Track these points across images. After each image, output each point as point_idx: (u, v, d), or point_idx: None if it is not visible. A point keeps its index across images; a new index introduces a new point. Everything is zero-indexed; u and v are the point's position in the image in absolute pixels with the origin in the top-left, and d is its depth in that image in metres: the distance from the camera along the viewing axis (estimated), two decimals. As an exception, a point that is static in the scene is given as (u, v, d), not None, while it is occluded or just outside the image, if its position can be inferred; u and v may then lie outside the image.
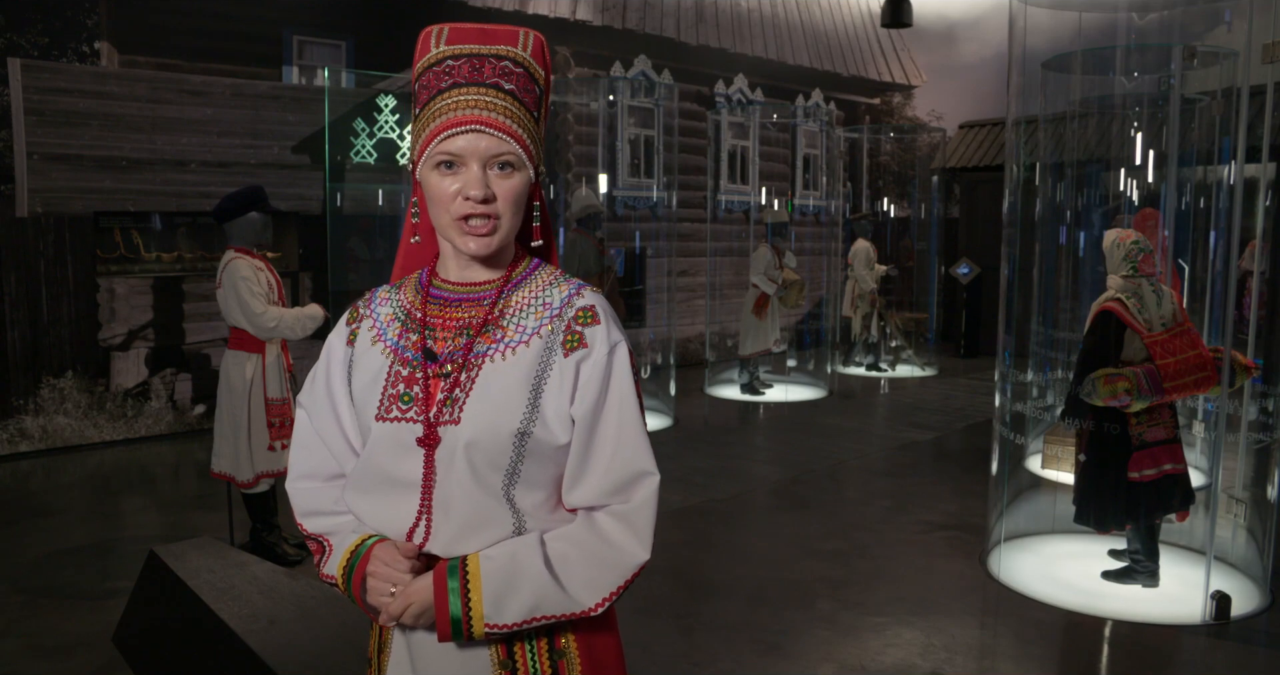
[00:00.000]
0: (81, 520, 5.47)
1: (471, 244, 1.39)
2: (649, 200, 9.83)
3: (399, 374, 1.43)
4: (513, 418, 1.36)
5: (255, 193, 4.43)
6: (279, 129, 7.83)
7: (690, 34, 11.16)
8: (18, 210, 6.74)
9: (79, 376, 7.02)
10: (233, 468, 4.43)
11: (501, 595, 1.34)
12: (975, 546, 4.92)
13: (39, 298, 6.87)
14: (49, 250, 6.89)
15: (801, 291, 9.13)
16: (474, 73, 1.40)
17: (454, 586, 1.34)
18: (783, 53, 12.27)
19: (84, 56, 7.08)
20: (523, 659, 1.42)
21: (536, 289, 1.45)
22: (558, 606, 1.36)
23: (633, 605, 4.24)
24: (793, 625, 4.00)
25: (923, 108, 13.82)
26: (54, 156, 6.89)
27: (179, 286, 7.44)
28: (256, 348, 4.39)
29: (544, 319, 1.41)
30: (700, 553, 4.92)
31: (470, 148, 1.36)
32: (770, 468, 6.72)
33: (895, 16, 10.57)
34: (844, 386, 9.85)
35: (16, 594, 4.31)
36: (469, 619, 1.33)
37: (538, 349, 1.39)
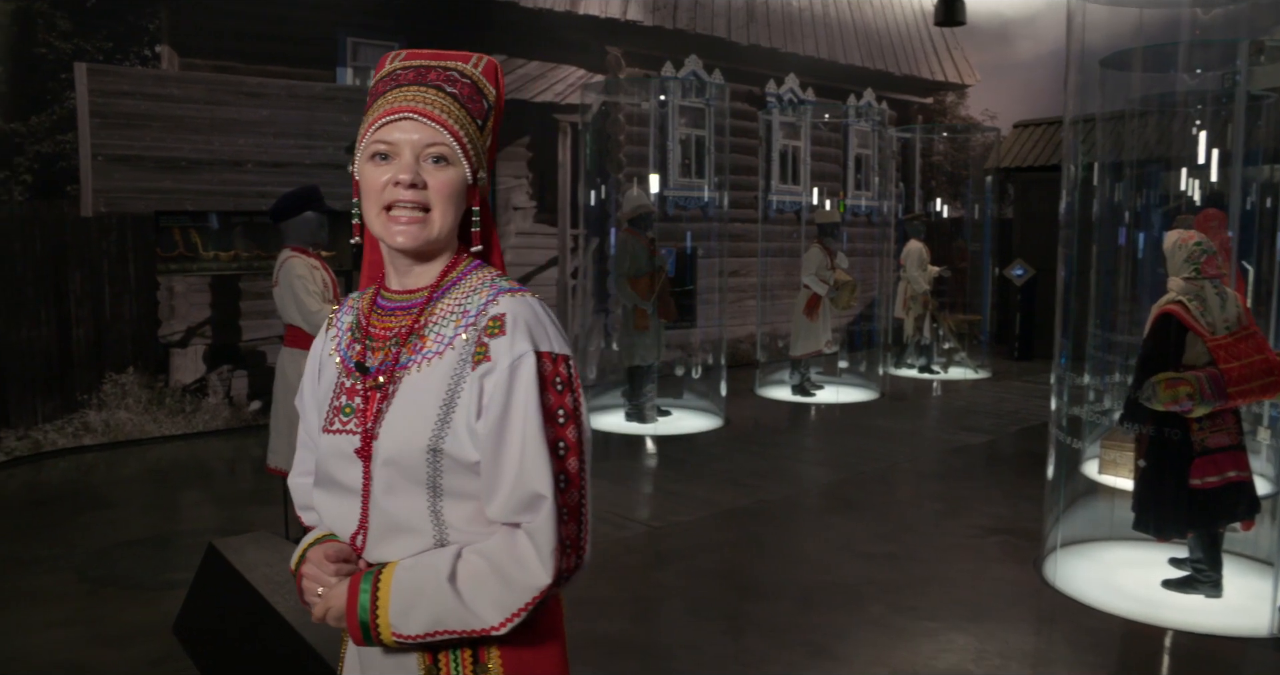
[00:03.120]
0: (141, 513, 5.58)
1: (399, 236, 1.36)
2: (700, 200, 9.82)
3: (343, 385, 1.44)
4: (423, 432, 1.35)
5: (311, 192, 4.48)
6: (333, 129, 7.93)
7: (741, 34, 11.13)
8: (83, 210, 6.90)
9: (140, 372, 7.17)
10: (288, 463, 4.48)
11: (407, 607, 1.32)
12: (1029, 552, 4.85)
13: (102, 295, 7.02)
14: (112, 249, 7.04)
15: (853, 292, 9.07)
16: (418, 77, 1.41)
17: (364, 594, 1.34)
18: (834, 52, 12.20)
19: (146, 60, 7.22)
20: (446, 669, 1.40)
21: (461, 295, 1.42)
22: (459, 622, 1.32)
23: (682, 606, 4.24)
24: (843, 628, 3.98)
25: (976, 107, 13.65)
26: (117, 158, 7.04)
27: (236, 285, 7.56)
28: (311, 345, 4.44)
29: (460, 328, 1.38)
30: (750, 554, 4.90)
31: (403, 136, 1.36)
32: (821, 469, 6.68)
33: (949, 15, 10.46)
34: (896, 388, 9.76)
35: (81, 583, 4.40)
36: (376, 627, 1.33)
37: (451, 360, 1.37)
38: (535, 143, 9.30)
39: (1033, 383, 9.93)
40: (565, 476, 1.36)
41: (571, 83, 9.47)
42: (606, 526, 5.27)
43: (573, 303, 9.49)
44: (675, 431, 7.68)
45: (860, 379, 9.73)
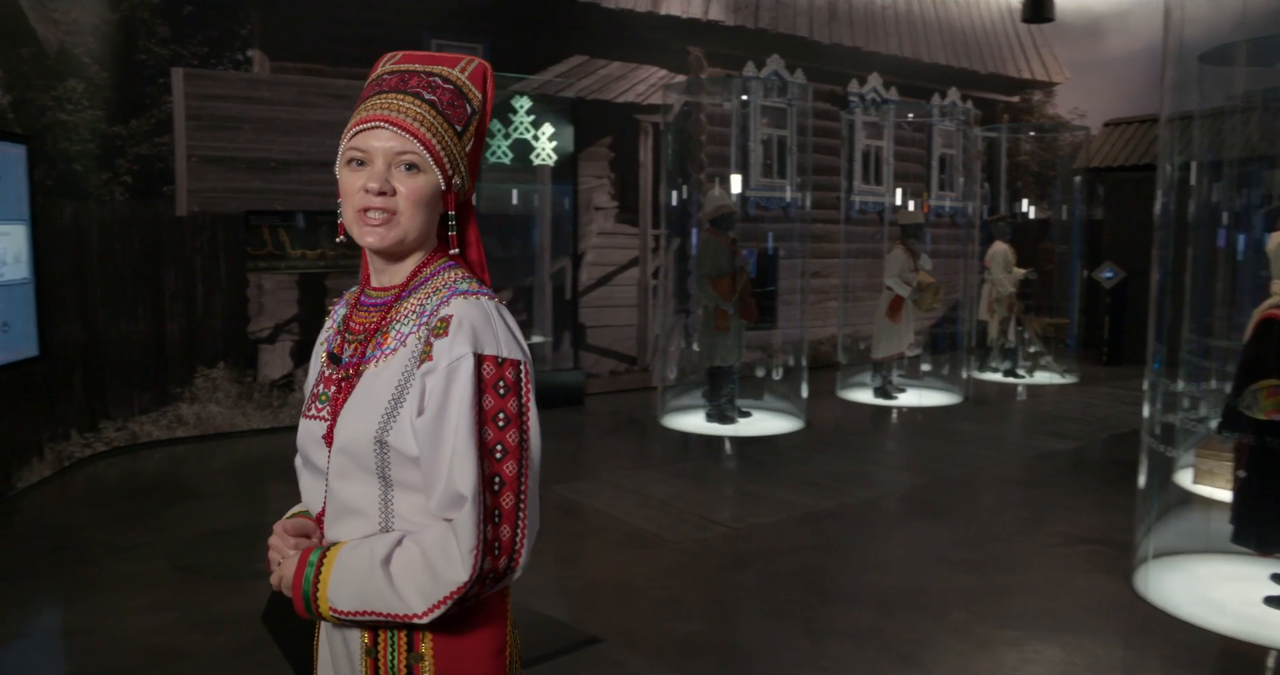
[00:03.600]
0: (230, 504, 5.72)
1: (369, 237, 1.44)
2: (781, 201, 9.76)
3: (323, 374, 1.54)
4: (371, 424, 1.41)
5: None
6: (419, 130, 8.01)
7: (823, 33, 11.03)
8: (177, 210, 7.10)
9: (230, 367, 7.36)
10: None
11: (341, 584, 1.39)
12: (1119, 563, 4.71)
13: (194, 292, 7.22)
14: (204, 247, 7.23)
15: (937, 294, 8.93)
16: (400, 83, 1.47)
17: (310, 567, 1.42)
18: (918, 50, 12.02)
19: (238, 64, 7.41)
20: (384, 651, 1.46)
21: (424, 295, 1.47)
22: (385, 605, 1.37)
23: (759, 608, 4.21)
24: (925, 635, 3.91)
25: (1065, 105, 13.33)
26: (210, 159, 7.23)
27: (321, 282, 7.72)
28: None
29: (414, 326, 1.44)
30: (829, 557, 4.85)
31: (377, 144, 1.42)
32: (902, 473, 6.58)
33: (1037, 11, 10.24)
34: (979, 392, 9.59)
35: (173, 571, 4.53)
36: (315, 599, 1.41)
37: (404, 357, 1.43)
38: (617, 143, 9.33)
39: (1122, 388, 9.67)
40: (500, 479, 1.39)
41: (653, 83, 9.48)
42: (686, 527, 5.26)
43: (653, 303, 9.50)
44: (755, 433, 7.64)
45: (943, 382, 9.57)
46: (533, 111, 8.56)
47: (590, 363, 9.21)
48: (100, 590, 4.32)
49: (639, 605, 4.22)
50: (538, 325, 8.95)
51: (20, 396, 5.84)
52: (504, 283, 8.79)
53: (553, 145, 8.65)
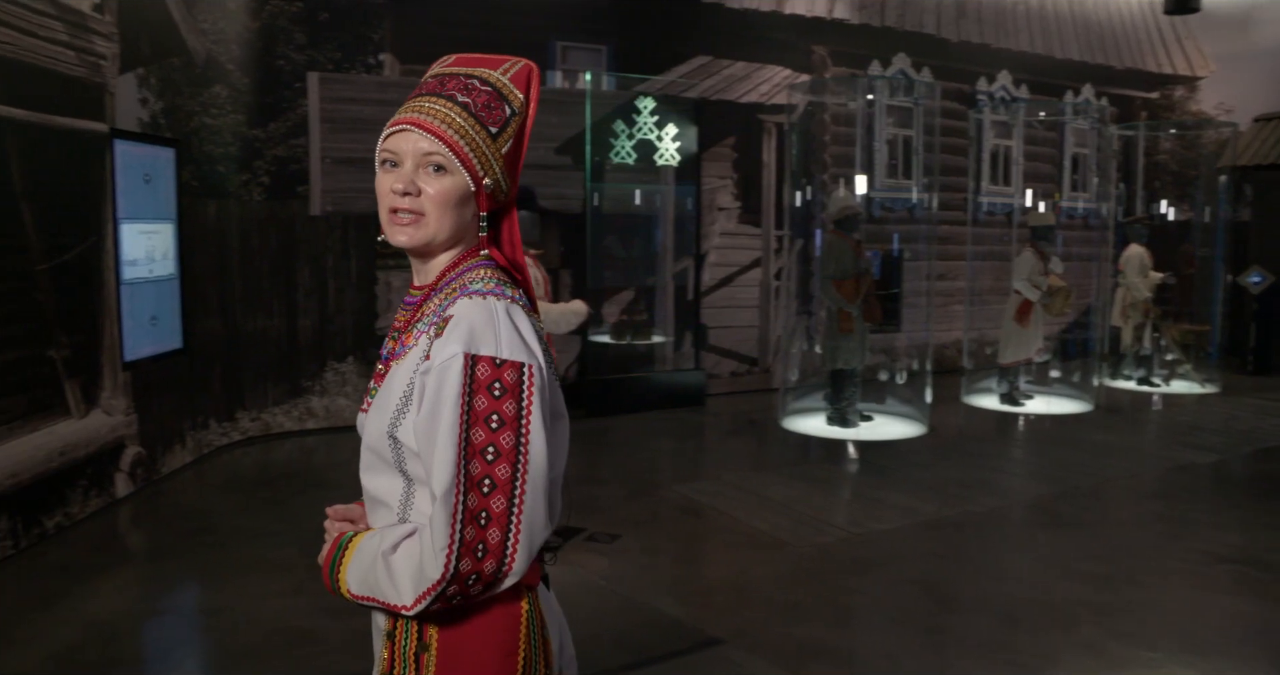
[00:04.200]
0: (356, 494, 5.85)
1: (399, 236, 1.49)
2: (907, 202, 9.58)
3: (377, 371, 1.58)
4: (384, 420, 1.46)
5: (524, 192, 4.61)
6: (543, 131, 8.14)
7: (951, 30, 10.79)
8: (311, 209, 7.36)
9: (358, 362, 7.59)
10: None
11: (354, 568, 1.46)
12: (1268, 585, 4.47)
13: (326, 289, 7.47)
14: (336, 245, 7.48)
15: (1068, 299, 8.64)
16: (438, 86, 1.51)
17: (339, 550, 1.50)
18: (1050, 46, 11.64)
19: (370, 68, 7.63)
20: (400, 636, 1.49)
21: (445, 295, 1.50)
22: (384, 594, 1.42)
23: (880, 615, 4.14)
24: (1052, 650, 3.79)
25: (1209, 101, 12.73)
26: (342, 160, 7.46)
27: (449, 281, 7.87)
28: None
29: (427, 326, 1.47)
30: (953, 565, 4.73)
31: (403, 147, 1.47)
32: (1029, 482, 6.39)
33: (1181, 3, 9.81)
34: (1111, 401, 9.23)
35: (304, 557, 4.69)
36: (336, 580, 1.49)
37: (414, 357, 1.46)
38: (740, 143, 9.29)
39: (1270, 399, 9.20)
40: (491, 481, 1.38)
41: (777, 83, 9.42)
42: (806, 530, 5.21)
43: (775, 304, 9.43)
44: (877, 437, 7.52)
45: (1073, 390, 9.25)
46: (656, 112, 8.59)
47: (711, 363, 9.20)
48: (237, 573, 4.51)
49: (758, 607, 4.19)
50: (659, 325, 8.98)
51: (166, 387, 6.13)
52: (626, 283, 8.85)
53: (676, 146, 8.67)
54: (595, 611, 2.67)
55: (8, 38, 4.67)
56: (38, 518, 4.90)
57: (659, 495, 5.91)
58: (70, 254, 5.17)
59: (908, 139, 9.64)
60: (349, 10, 7.51)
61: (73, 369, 5.18)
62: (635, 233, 8.92)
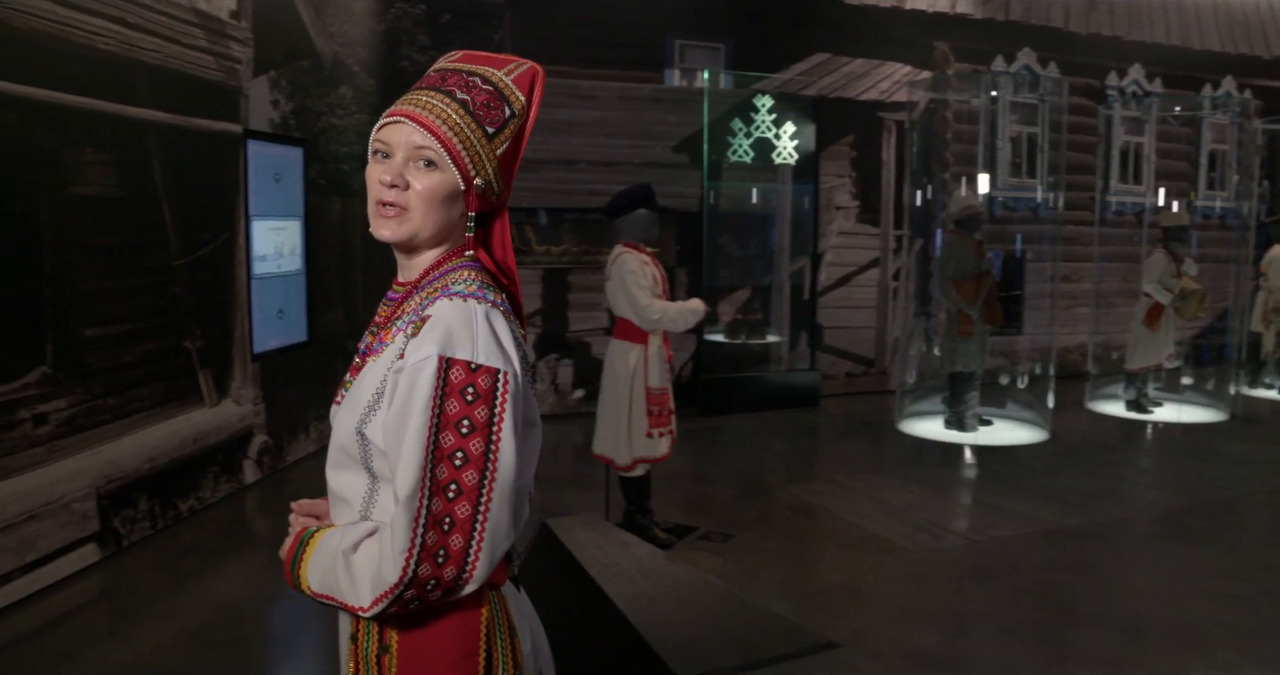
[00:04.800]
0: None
1: (382, 229, 1.47)
2: (1031, 201, 9.30)
3: (353, 364, 1.56)
4: (354, 416, 1.45)
5: (645, 191, 4.63)
6: (660, 129, 8.18)
7: (1080, 22, 10.43)
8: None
9: (476, 358, 7.71)
10: (613, 451, 4.66)
11: (314, 565, 1.44)
12: None
13: (447, 285, 7.62)
14: (457, 242, 7.62)
15: (1202, 302, 8.28)
16: (439, 81, 1.48)
17: (300, 546, 1.48)
18: (1187, 37, 11.16)
19: (491, 67, 7.75)
20: (362, 637, 1.48)
21: (425, 293, 1.48)
22: (341, 594, 1.40)
23: (998, 625, 4.04)
24: (1183, 671, 3.63)
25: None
26: (463, 158, 7.59)
27: (565, 278, 7.98)
28: (640, 338, 4.58)
29: (405, 324, 1.45)
30: (1076, 577, 4.58)
31: (396, 139, 1.44)
32: (1158, 493, 6.14)
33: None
34: (1249, 410, 8.81)
35: (422, 550, 4.79)
36: (298, 576, 1.46)
37: (390, 354, 1.44)
38: (859, 142, 9.16)
39: None
40: (457, 486, 1.35)
41: (897, 80, 9.26)
42: (923, 535, 5.11)
43: (893, 305, 9.28)
44: (996, 442, 7.33)
45: (1206, 398, 8.86)
46: (774, 110, 8.53)
47: (826, 364, 9.10)
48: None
49: (873, 612, 4.13)
50: (774, 325, 8.93)
51: (291, 378, 6.34)
52: (741, 282, 8.82)
53: (794, 144, 8.59)
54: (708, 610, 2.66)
55: (153, 46, 4.90)
56: (173, 501, 5.13)
57: (772, 495, 5.87)
58: (205, 250, 5.39)
59: (1032, 136, 9.36)
60: (470, 11, 7.65)
61: (206, 360, 5.41)
62: (751, 231, 8.88)
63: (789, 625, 2.68)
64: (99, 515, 4.57)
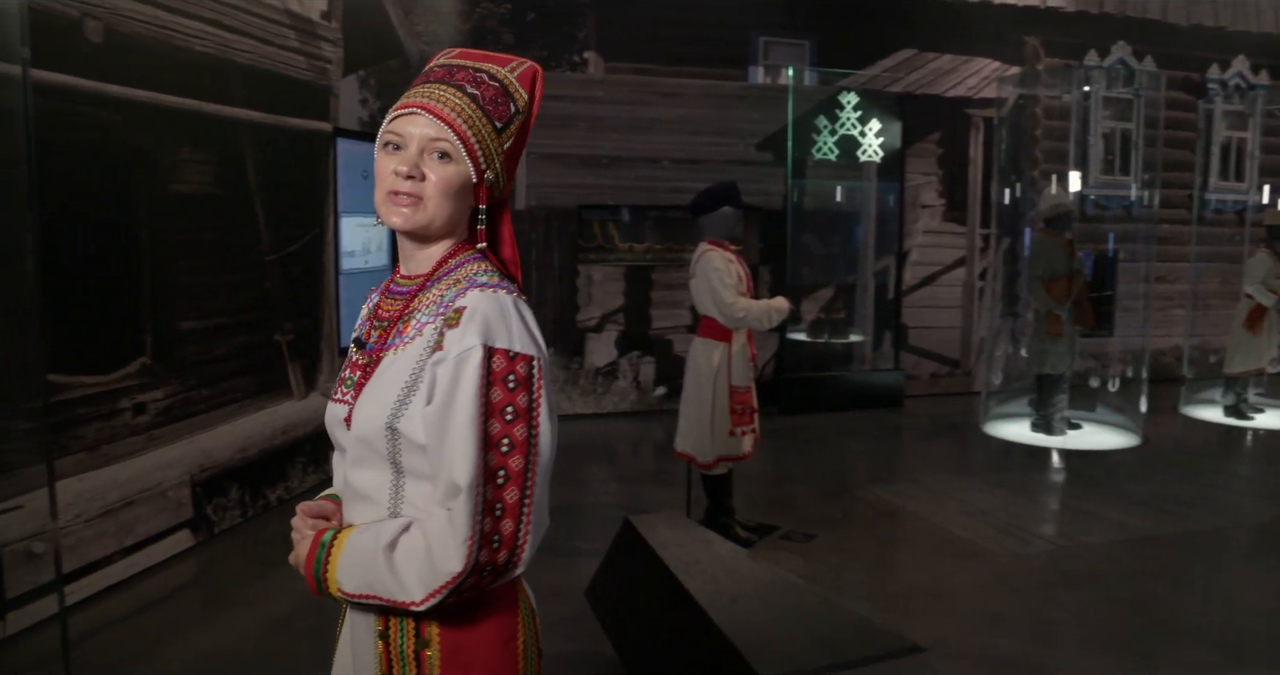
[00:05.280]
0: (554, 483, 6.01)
1: (394, 218, 1.46)
2: (1124, 199, 9.05)
3: (351, 359, 1.56)
4: (384, 411, 1.43)
5: (730, 189, 4.60)
6: (744, 127, 8.15)
7: (1179, 14, 10.10)
8: (517, 204, 7.60)
9: (558, 354, 7.78)
10: (695, 449, 4.64)
11: (348, 566, 1.42)
12: None
13: (530, 282, 7.70)
14: (540, 239, 7.70)
15: (1307, 305, 7.97)
16: (446, 75, 1.50)
17: (321, 549, 1.46)
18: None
19: (575, 66, 7.80)
20: (394, 634, 1.47)
21: (445, 286, 1.49)
22: (387, 591, 1.39)
23: (1086, 634, 3.93)
24: (1288, 684, 3.50)
25: None
26: (547, 155, 7.67)
27: (648, 275, 7.99)
28: (724, 337, 4.56)
29: (432, 316, 1.46)
30: (1169, 587, 4.44)
31: (410, 130, 1.45)
32: (1259, 502, 5.93)
33: None
34: (1355, 417, 8.46)
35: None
36: (325, 579, 1.45)
37: (419, 347, 1.44)
38: (945, 139, 9.00)
39: None
40: (506, 473, 1.38)
41: (985, 76, 9.07)
42: (1009, 540, 5.01)
43: (978, 305, 9.11)
44: (1085, 446, 7.14)
45: (1311, 404, 8.53)
46: (859, 107, 8.43)
47: (910, 364, 8.96)
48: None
49: (957, 616, 4.06)
50: (858, 324, 8.82)
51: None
52: (824, 281, 8.74)
53: (879, 141, 8.48)
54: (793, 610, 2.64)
55: (248, 47, 5.02)
56: (262, 490, 5.25)
57: (854, 496, 5.80)
58: (296, 246, 5.51)
59: (1126, 132, 9.11)
60: (554, 10, 7.70)
61: (295, 353, 5.53)
62: (835, 230, 8.80)
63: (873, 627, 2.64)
64: (193, 502, 4.70)
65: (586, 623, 3.76)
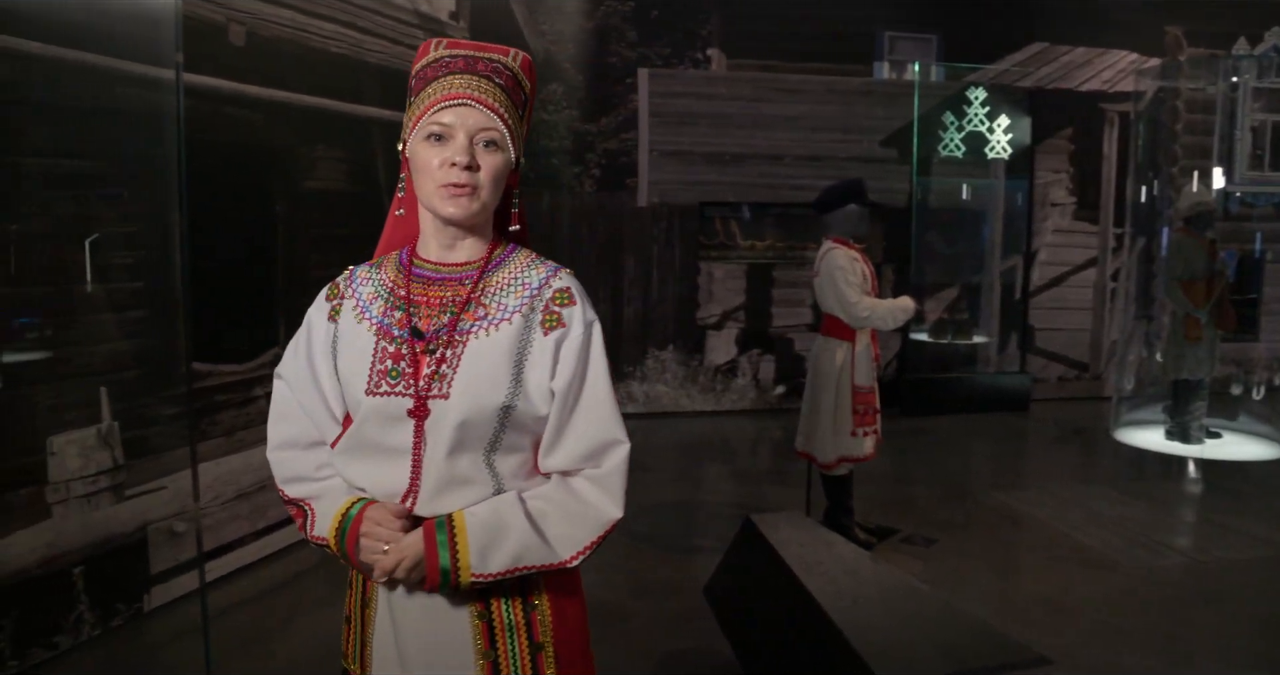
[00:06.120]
0: (672, 480, 6.06)
1: (450, 207, 1.48)
2: (1274, 196, 8.62)
3: (385, 350, 1.51)
4: (498, 392, 1.46)
5: (856, 185, 4.55)
6: (868, 123, 8.04)
7: (1342, 0, 9.56)
8: (639, 201, 7.65)
9: (678, 351, 7.82)
10: (816, 448, 4.60)
11: (486, 547, 1.44)
12: None
13: (650, 278, 7.75)
14: (661, 236, 7.73)
15: None
16: (468, 65, 1.52)
17: (442, 540, 1.45)
18: None
19: (697, 63, 7.81)
20: (498, 612, 1.52)
21: (515, 270, 1.55)
22: (538, 557, 1.47)
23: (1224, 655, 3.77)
24: None
25: None
26: (668, 153, 7.70)
27: (769, 273, 7.95)
28: (848, 336, 4.51)
29: (524, 298, 1.51)
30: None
31: (459, 120, 1.47)
32: None
33: None
34: None
35: (621, 537, 4.85)
36: (456, 570, 1.44)
37: (519, 327, 1.49)
38: (1078, 135, 8.71)
39: None
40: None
41: (1122, 68, 8.75)
42: (1140, 552, 4.83)
43: (1110, 306, 8.79)
44: (1225, 457, 6.83)
45: None
46: (987, 103, 8.23)
47: (1037, 367, 8.71)
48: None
49: (1084, 629, 3.93)
50: (982, 325, 8.62)
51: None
52: (949, 280, 8.55)
53: (1008, 138, 8.27)
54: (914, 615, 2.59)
55: (380, 47, 5.18)
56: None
57: (976, 500, 5.68)
58: (424, 241, 5.65)
59: (1277, 125, 8.67)
60: (678, 8, 7.71)
61: (423, 346, 5.67)
62: (961, 228, 8.60)
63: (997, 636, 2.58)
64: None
65: (704, 620, 3.77)
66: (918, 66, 8.08)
